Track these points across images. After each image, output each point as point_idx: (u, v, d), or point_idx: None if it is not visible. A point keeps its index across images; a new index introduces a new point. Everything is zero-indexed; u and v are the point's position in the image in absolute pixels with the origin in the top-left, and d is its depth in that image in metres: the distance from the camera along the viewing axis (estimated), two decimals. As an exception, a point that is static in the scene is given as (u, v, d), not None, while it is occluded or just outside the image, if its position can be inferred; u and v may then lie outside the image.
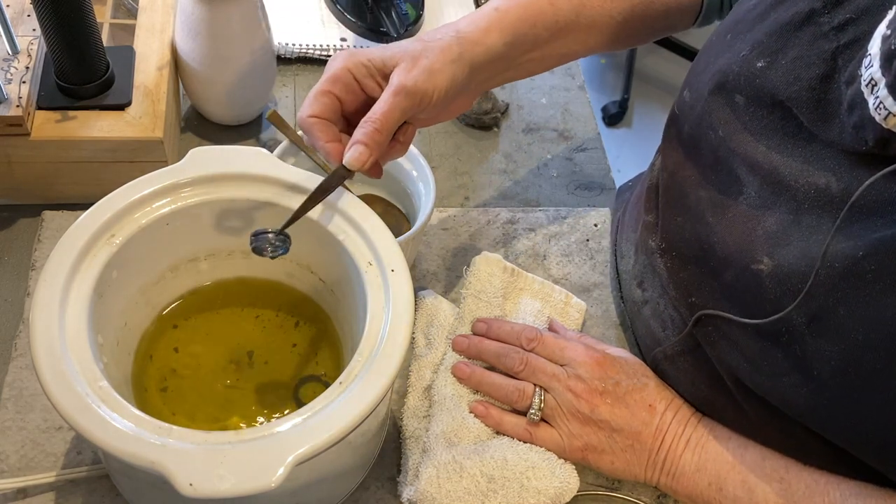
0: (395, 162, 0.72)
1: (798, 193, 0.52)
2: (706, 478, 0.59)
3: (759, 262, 0.53)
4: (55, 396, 0.47)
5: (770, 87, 0.53)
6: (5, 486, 0.58)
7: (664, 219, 0.65)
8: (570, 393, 0.62)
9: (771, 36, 0.54)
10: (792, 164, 0.52)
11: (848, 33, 0.50)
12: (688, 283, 0.61)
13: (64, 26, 0.66)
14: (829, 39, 0.51)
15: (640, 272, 0.69)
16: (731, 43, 0.58)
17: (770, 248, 0.53)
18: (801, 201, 0.52)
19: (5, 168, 0.71)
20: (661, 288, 0.65)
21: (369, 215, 0.57)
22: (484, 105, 0.87)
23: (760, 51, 0.54)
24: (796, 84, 0.52)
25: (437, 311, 0.70)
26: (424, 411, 0.65)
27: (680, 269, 0.62)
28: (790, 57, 0.53)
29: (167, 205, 0.57)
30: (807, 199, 0.51)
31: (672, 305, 0.63)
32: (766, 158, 0.54)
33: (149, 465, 0.44)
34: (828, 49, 0.51)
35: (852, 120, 0.48)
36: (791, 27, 0.53)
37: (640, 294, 0.68)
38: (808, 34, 0.52)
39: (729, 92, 0.57)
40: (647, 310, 0.67)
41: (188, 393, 0.60)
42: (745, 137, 0.56)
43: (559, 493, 0.60)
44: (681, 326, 0.62)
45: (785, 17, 0.54)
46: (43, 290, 0.51)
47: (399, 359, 0.51)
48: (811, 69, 0.51)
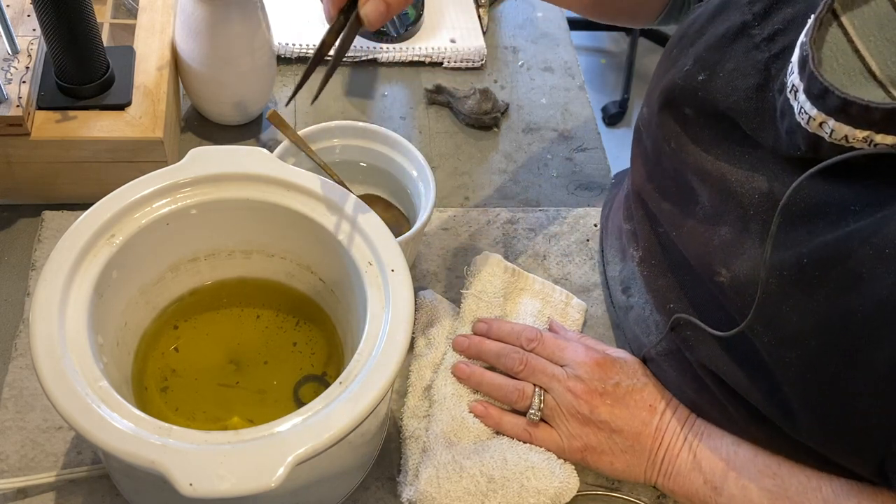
0: (395, 162, 0.72)
1: (744, 200, 0.53)
2: (701, 476, 0.59)
3: (718, 273, 0.54)
4: (55, 396, 0.46)
5: (712, 99, 0.55)
6: (5, 486, 0.58)
7: (639, 229, 0.66)
8: (570, 393, 0.62)
9: (709, 49, 0.56)
10: (738, 172, 0.54)
11: (778, 43, 0.51)
12: (665, 291, 0.62)
13: (64, 26, 0.66)
14: (761, 50, 0.52)
15: (625, 278, 0.69)
16: (676, 57, 0.59)
17: (726, 259, 0.54)
18: (747, 207, 0.53)
19: (5, 168, 0.71)
20: (644, 294, 0.66)
21: (369, 215, 0.57)
22: (484, 105, 0.87)
23: (701, 64, 0.56)
24: (734, 94, 0.53)
25: (437, 311, 0.70)
26: (424, 411, 0.65)
27: (657, 278, 0.63)
28: (727, 69, 0.54)
29: (167, 205, 0.57)
30: (752, 206, 0.52)
31: (655, 311, 0.64)
32: (714, 168, 0.55)
33: (149, 465, 0.44)
34: (760, 59, 0.52)
35: (784, 126, 0.49)
36: (726, 40, 0.55)
37: (625, 300, 0.69)
38: (741, 46, 0.54)
39: (678, 105, 0.58)
40: (633, 315, 0.68)
41: (188, 393, 0.60)
42: (695, 148, 0.57)
43: (559, 494, 0.60)
44: (664, 331, 0.63)
45: (720, 30, 0.55)
46: (43, 290, 0.51)
47: (399, 359, 0.51)
48: (747, 79, 0.53)
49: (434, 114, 0.90)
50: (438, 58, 0.94)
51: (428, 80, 0.92)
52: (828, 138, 0.46)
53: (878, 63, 0.47)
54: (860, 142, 0.45)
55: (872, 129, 0.45)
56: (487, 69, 0.95)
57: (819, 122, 0.46)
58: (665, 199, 0.62)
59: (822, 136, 0.46)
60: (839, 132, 0.46)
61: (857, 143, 0.45)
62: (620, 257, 0.71)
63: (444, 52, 0.94)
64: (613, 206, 0.76)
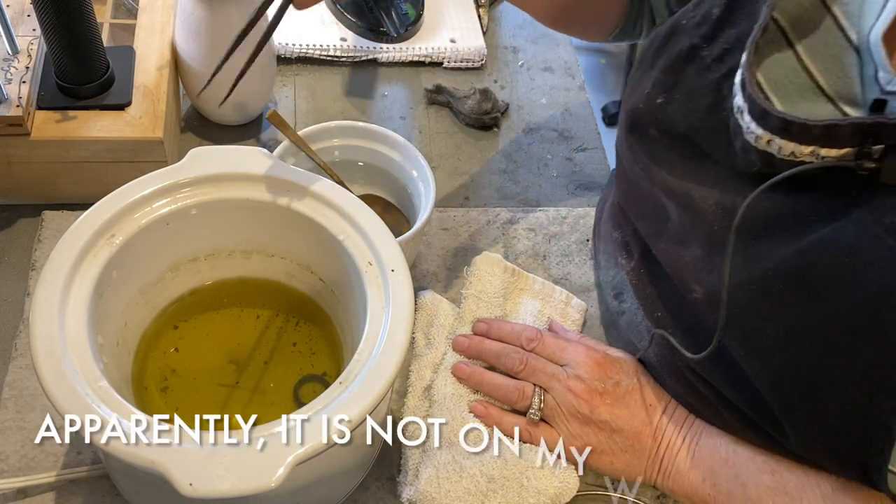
0: (395, 162, 0.72)
1: (709, 216, 0.54)
2: (700, 474, 0.59)
3: (693, 290, 0.56)
4: (55, 396, 0.46)
5: (671, 121, 0.56)
6: (5, 486, 0.58)
7: (630, 239, 0.67)
8: (570, 393, 0.62)
9: (664, 72, 0.57)
10: (702, 189, 0.54)
11: (727, 63, 0.52)
12: (653, 300, 0.63)
13: (64, 26, 0.66)
14: (712, 71, 0.53)
15: (617, 284, 0.70)
16: (637, 80, 0.61)
17: (698, 275, 0.55)
18: (711, 223, 0.54)
19: (5, 168, 0.71)
20: (634, 301, 0.66)
21: (369, 215, 0.57)
22: (484, 105, 0.87)
23: (659, 88, 0.57)
24: (691, 115, 0.54)
25: (437, 311, 0.70)
26: (424, 411, 0.64)
27: (646, 286, 0.64)
28: (682, 91, 0.55)
29: (167, 205, 0.57)
30: (716, 222, 0.53)
31: (645, 318, 0.65)
32: (680, 186, 0.56)
33: (149, 465, 0.44)
34: (712, 80, 0.53)
35: (738, 144, 0.50)
36: (679, 63, 0.56)
37: (617, 305, 0.69)
38: (693, 68, 0.55)
39: (642, 127, 0.59)
40: (625, 320, 0.68)
41: (188, 393, 0.60)
42: (661, 168, 0.58)
43: (559, 493, 0.60)
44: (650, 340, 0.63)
45: (673, 53, 0.56)
46: (43, 290, 0.51)
47: (399, 359, 0.51)
48: (702, 100, 0.54)
49: (434, 114, 0.90)
50: (438, 58, 0.94)
51: (428, 80, 0.92)
52: (777, 155, 0.47)
53: (826, 79, 0.49)
54: (808, 156, 0.46)
55: (816, 145, 0.46)
56: (487, 69, 0.95)
57: (766, 140, 0.47)
58: (641, 217, 0.63)
59: (772, 152, 0.48)
60: (786, 149, 0.47)
61: (806, 158, 0.46)
62: (613, 263, 0.71)
63: (444, 52, 0.94)
64: (604, 212, 0.76)
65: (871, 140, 0.44)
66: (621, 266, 0.69)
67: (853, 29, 0.49)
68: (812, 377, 0.49)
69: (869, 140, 0.44)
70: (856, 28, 0.49)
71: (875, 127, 0.44)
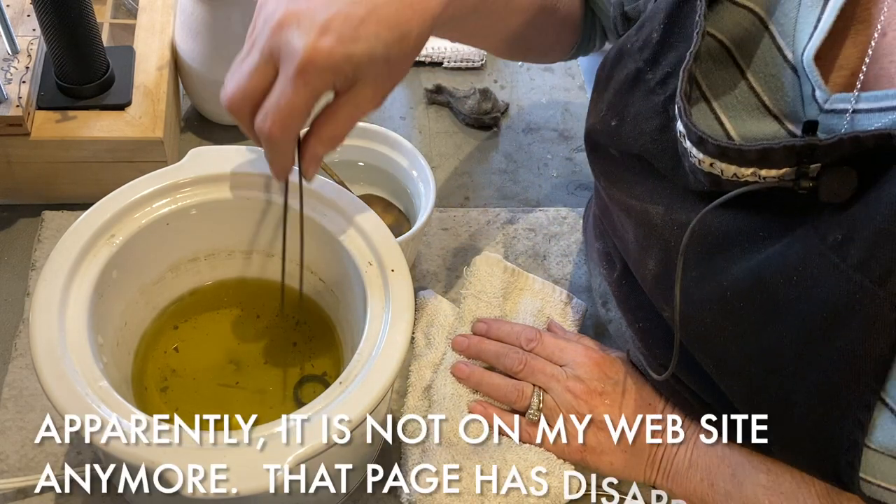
0: (395, 162, 0.72)
1: (666, 233, 0.54)
2: (698, 473, 0.60)
3: (663, 308, 0.56)
4: (55, 396, 0.47)
5: (625, 143, 0.56)
6: (5, 486, 0.58)
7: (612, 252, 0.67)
8: (569, 394, 0.62)
9: (615, 95, 0.57)
10: (658, 208, 0.55)
11: (670, 86, 0.52)
12: (635, 311, 0.63)
13: (64, 26, 0.66)
14: (657, 94, 0.53)
15: (603, 293, 0.70)
16: (595, 101, 0.61)
17: (663, 293, 0.55)
18: (668, 240, 0.54)
19: (5, 168, 0.71)
20: (618, 311, 0.67)
21: (369, 215, 0.57)
22: (484, 105, 0.87)
23: (612, 111, 0.58)
24: (642, 138, 0.55)
25: (437, 311, 0.70)
26: (424, 411, 0.64)
27: (627, 298, 0.64)
28: (632, 114, 0.56)
29: (167, 205, 0.57)
30: (673, 237, 0.54)
31: (628, 327, 0.65)
32: (638, 204, 0.57)
33: (149, 465, 0.44)
34: (658, 102, 0.53)
35: (686, 165, 0.51)
36: (627, 86, 0.56)
37: (604, 313, 0.70)
38: (640, 91, 0.55)
39: (602, 147, 0.60)
40: (612, 328, 0.69)
41: (188, 393, 0.60)
42: (620, 187, 0.59)
43: (559, 493, 0.60)
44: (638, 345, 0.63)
45: (621, 76, 0.57)
46: (43, 290, 0.51)
47: (399, 359, 0.51)
48: (650, 122, 0.54)
49: (434, 114, 0.90)
50: (438, 58, 0.94)
51: (428, 80, 0.92)
52: (721, 176, 0.48)
53: (769, 98, 0.49)
54: (750, 176, 0.47)
55: (755, 167, 0.46)
56: (487, 69, 0.95)
57: (709, 163, 0.48)
58: (614, 235, 0.64)
59: (717, 174, 0.48)
60: (728, 171, 0.47)
61: (749, 178, 0.47)
62: (597, 272, 0.71)
63: (443, 52, 0.94)
64: (589, 220, 0.76)
65: (807, 160, 0.45)
66: (604, 276, 0.69)
67: (789, 48, 0.49)
68: (778, 393, 0.49)
69: (805, 160, 0.45)
70: (790, 48, 0.49)
71: (807, 148, 0.44)
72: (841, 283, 0.44)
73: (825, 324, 0.45)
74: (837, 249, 0.44)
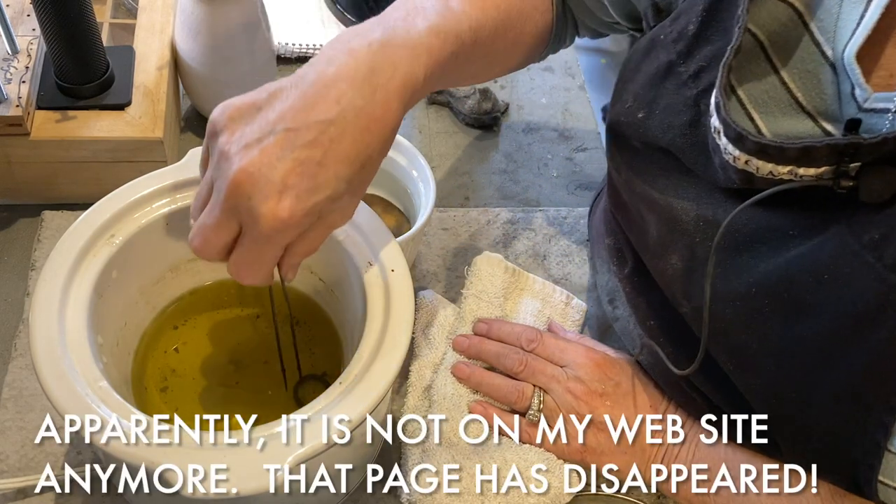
0: (395, 162, 0.72)
1: (690, 228, 0.54)
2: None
3: (681, 304, 0.56)
4: (55, 396, 0.47)
5: (651, 136, 0.56)
6: (5, 486, 0.58)
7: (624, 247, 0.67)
8: (570, 394, 0.62)
9: (644, 87, 0.57)
10: (683, 202, 0.54)
11: (703, 80, 0.52)
12: (646, 308, 0.63)
13: (64, 26, 0.66)
14: (689, 87, 0.53)
15: (611, 290, 0.70)
16: (619, 92, 0.60)
17: (684, 289, 0.55)
18: (693, 235, 0.53)
19: (5, 168, 0.71)
20: (627, 308, 0.66)
21: (369, 215, 0.57)
22: (484, 105, 0.87)
23: (639, 102, 0.57)
24: (670, 132, 0.54)
25: (437, 311, 0.69)
26: (424, 411, 0.64)
27: (638, 295, 0.64)
28: (661, 106, 0.55)
29: (167, 205, 0.57)
30: (698, 233, 0.53)
31: (637, 325, 0.65)
32: (661, 198, 0.56)
33: (149, 465, 0.44)
34: (690, 96, 0.53)
35: (717, 162, 0.50)
36: (657, 78, 0.55)
37: (611, 311, 0.70)
38: (671, 84, 0.54)
39: (625, 139, 0.59)
40: (619, 326, 0.68)
41: (188, 393, 0.60)
42: (643, 180, 0.58)
43: (559, 494, 0.60)
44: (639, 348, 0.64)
45: (651, 68, 0.56)
46: (43, 290, 0.51)
47: (399, 359, 0.51)
48: (680, 116, 0.53)
49: (434, 114, 0.90)
50: (438, 58, 0.94)
51: (428, 80, 0.92)
52: (756, 174, 0.47)
53: (804, 96, 0.49)
54: (786, 174, 0.46)
55: (793, 165, 0.46)
56: (487, 69, 0.95)
57: (744, 161, 0.47)
58: (629, 230, 0.63)
59: (751, 171, 0.48)
60: (763, 169, 0.47)
61: (784, 176, 0.46)
62: (606, 268, 0.71)
63: (444, 52, 0.93)
64: (596, 216, 0.76)
65: (848, 159, 0.44)
66: (614, 273, 0.69)
67: (828, 45, 0.48)
68: (799, 392, 0.49)
69: (845, 159, 0.44)
70: (831, 45, 0.48)
71: (851, 147, 0.44)
72: (874, 283, 0.44)
73: (854, 324, 0.45)
74: (873, 249, 0.44)
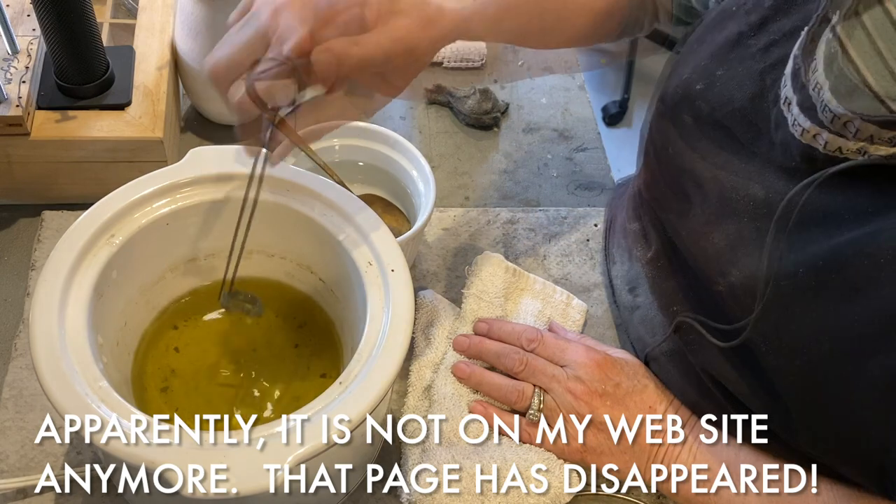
0: (395, 162, 0.72)
1: (739, 207, 0.53)
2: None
3: (716, 282, 0.55)
4: (55, 396, 0.46)
5: (708, 108, 0.55)
6: (5, 486, 0.58)
7: (649, 230, 0.66)
8: (570, 394, 0.62)
9: (708, 58, 0.56)
10: (734, 179, 0.54)
11: (773, 55, 0.51)
12: (671, 293, 0.62)
13: (64, 26, 0.66)
14: (757, 60, 0.52)
15: (632, 278, 0.69)
16: (677, 65, 0.60)
17: (722, 269, 0.54)
18: (741, 215, 0.53)
19: (5, 168, 0.71)
20: (649, 295, 0.66)
21: (369, 215, 0.57)
22: (484, 105, 0.87)
23: (699, 73, 0.56)
24: (731, 104, 0.53)
25: (437, 311, 0.70)
26: (424, 411, 0.64)
27: (664, 280, 0.63)
28: (724, 78, 0.54)
29: (167, 205, 0.57)
30: (746, 213, 0.52)
31: (660, 312, 0.64)
32: (711, 175, 0.55)
33: (149, 465, 0.44)
34: (756, 69, 0.52)
35: (779, 137, 0.50)
36: (724, 49, 0.55)
37: (631, 299, 0.69)
38: (738, 56, 0.54)
39: (677, 112, 0.58)
40: (638, 315, 0.68)
41: (188, 393, 0.60)
42: (692, 156, 0.57)
43: (559, 494, 0.60)
44: (668, 332, 0.62)
45: (719, 39, 0.55)
46: (43, 290, 0.51)
47: (399, 359, 0.51)
48: (742, 89, 0.53)
49: (434, 114, 0.90)
50: (438, 57, 0.94)
51: (428, 80, 0.92)
52: (822, 150, 0.47)
53: (873, 75, 0.47)
54: (853, 153, 0.46)
55: (865, 141, 0.45)
56: (487, 69, 0.95)
57: (813, 135, 0.47)
58: (665, 205, 0.62)
59: (817, 147, 0.47)
60: (833, 144, 0.46)
61: (851, 154, 0.46)
62: (627, 256, 0.71)
63: (443, 51, 0.93)
64: (619, 204, 0.76)
65: None
66: (637, 258, 0.68)
67: None
68: (835, 378, 0.48)
69: None
70: None
71: None
72: None
73: None
74: None
